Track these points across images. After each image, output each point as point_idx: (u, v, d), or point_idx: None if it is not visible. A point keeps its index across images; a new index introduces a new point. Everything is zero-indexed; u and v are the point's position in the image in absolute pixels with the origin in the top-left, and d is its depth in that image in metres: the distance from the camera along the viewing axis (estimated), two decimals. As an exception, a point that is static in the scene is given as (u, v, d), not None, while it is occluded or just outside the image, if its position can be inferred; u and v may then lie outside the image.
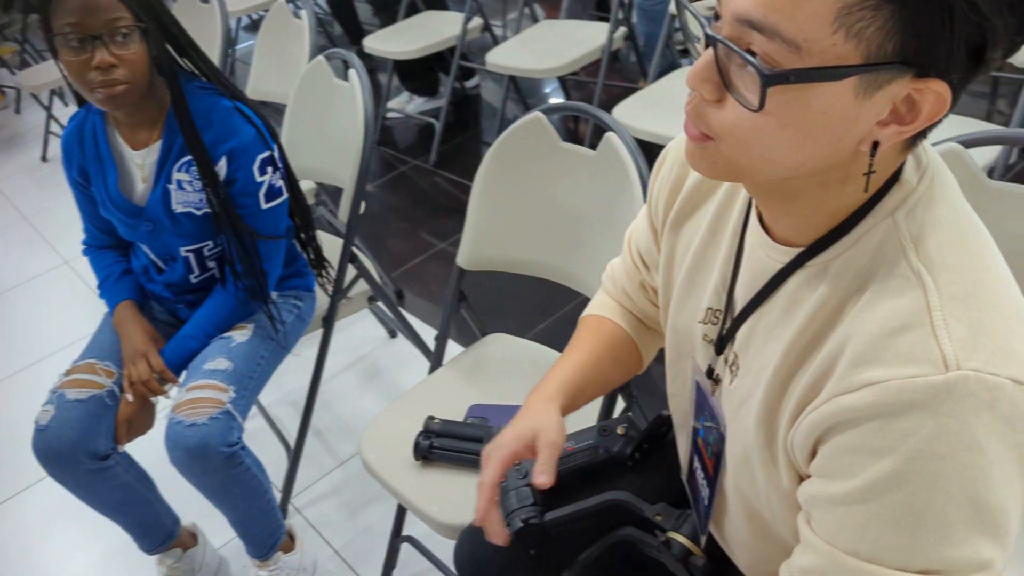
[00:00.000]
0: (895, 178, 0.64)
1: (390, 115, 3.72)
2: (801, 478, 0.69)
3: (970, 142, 1.06)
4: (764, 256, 0.72)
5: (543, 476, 0.86)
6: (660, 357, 1.02)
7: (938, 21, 0.52)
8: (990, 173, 1.70)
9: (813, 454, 0.65)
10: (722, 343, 0.79)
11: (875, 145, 0.59)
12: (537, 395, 0.95)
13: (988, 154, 1.68)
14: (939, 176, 0.65)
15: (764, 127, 0.58)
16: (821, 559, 0.65)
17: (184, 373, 1.48)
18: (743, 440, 0.75)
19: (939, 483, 0.57)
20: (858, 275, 0.63)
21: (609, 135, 1.26)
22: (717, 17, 0.60)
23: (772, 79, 0.55)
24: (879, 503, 0.59)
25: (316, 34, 2.17)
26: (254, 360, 1.50)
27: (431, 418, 1.33)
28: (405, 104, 3.72)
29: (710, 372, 0.81)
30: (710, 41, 0.59)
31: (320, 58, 1.85)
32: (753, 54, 0.56)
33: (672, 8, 2.43)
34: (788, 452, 0.69)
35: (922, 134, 0.61)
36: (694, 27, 0.64)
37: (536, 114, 1.36)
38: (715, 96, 0.60)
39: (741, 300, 0.76)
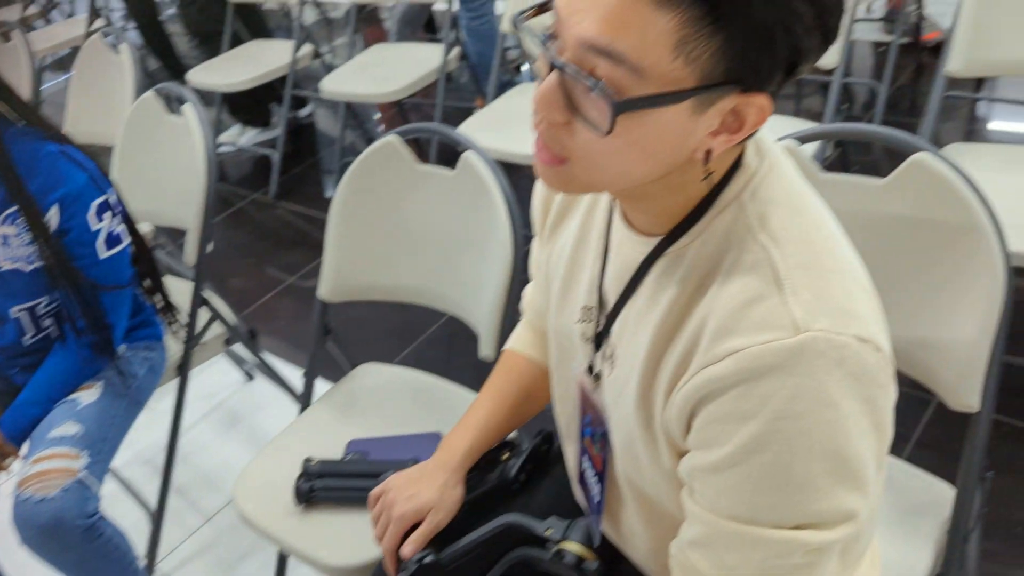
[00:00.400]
0: (737, 164, 0.68)
1: (222, 149, 3.58)
2: (681, 455, 0.72)
3: (803, 138, 1.15)
4: (629, 249, 0.75)
5: (408, 548, 0.94)
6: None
7: (762, 46, 0.57)
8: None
9: (688, 428, 0.68)
10: (599, 339, 0.81)
11: (709, 152, 0.63)
12: (445, 460, 1.00)
13: (808, 147, 1.82)
14: (777, 158, 0.70)
15: (613, 148, 0.61)
16: (705, 528, 0.68)
17: (27, 444, 1.35)
18: (625, 426, 0.78)
19: (801, 440, 0.61)
20: (712, 257, 0.67)
21: (467, 154, 1.27)
22: (553, 36, 0.62)
23: (622, 106, 0.58)
24: (749, 465, 0.63)
25: (139, 68, 2.06)
26: (106, 421, 1.39)
27: (308, 460, 1.28)
28: (237, 137, 3.59)
29: (591, 369, 0.83)
30: (554, 67, 0.60)
31: (149, 94, 1.75)
32: (597, 79, 0.58)
33: (503, 26, 2.47)
34: (665, 430, 0.72)
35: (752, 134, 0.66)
36: (531, 46, 0.65)
37: (390, 137, 1.35)
38: (563, 119, 0.62)
39: (612, 294, 0.78)
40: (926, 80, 3.11)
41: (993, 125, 2.87)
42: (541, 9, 0.65)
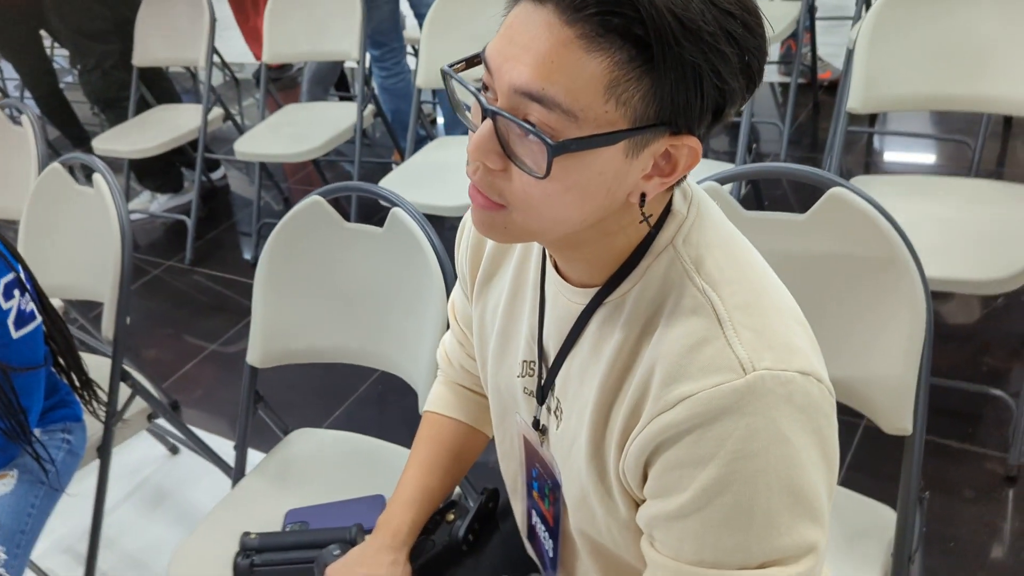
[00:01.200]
0: (667, 211, 0.69)
1: (133, 216, 3.47)
2: (638, 505, 0.71)
3: (724, 179, 1.19)
4: (566, 301, 0.75)
5: None
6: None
7: (691, 88, 0.58)
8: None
9: (645, 477, 0.68)
10: (543, 392, 0.80)
11: (643, 195, 0.64)
12: (387, 541, 0.96)
13: (727, 186, 1.88)
14: (703, 202, 0.72)
15: (551, 191, 0.61)
16: (669, 575, 0.67)
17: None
18: (578, 480, 0.77)
19: (759, 478, 0.62)
20: (652, 303, 0.68)
21: (395, 210, 1.26)
22: (485, 87, 0.62)
23: (558, 148, 0.58)
24: (711, 508, 0.63)
25: (42, 139, 1.99)
26: (23, 511, 1.31)
27: (247, 534, 1.22)
28: (148, 204, 3.49)
29: (536, 424, 0.82)
30: (488, 114, 0.61)
31: (55, 165, 1.69)
32: (531, 123, 0.59)
33: (418, 82, 2.49)
34: (622, 481, 0.71)
35: (683, 178, 0.67)
36: (462, 95, 0.66)
37: (315, 198, 1.33)
38: (499, 166, 0.62)
39: (552, 347, 0.78)
40: (823, 116, 3.26)
41: (888, 156, 3.03)
42: (471, 62, 0.65)
